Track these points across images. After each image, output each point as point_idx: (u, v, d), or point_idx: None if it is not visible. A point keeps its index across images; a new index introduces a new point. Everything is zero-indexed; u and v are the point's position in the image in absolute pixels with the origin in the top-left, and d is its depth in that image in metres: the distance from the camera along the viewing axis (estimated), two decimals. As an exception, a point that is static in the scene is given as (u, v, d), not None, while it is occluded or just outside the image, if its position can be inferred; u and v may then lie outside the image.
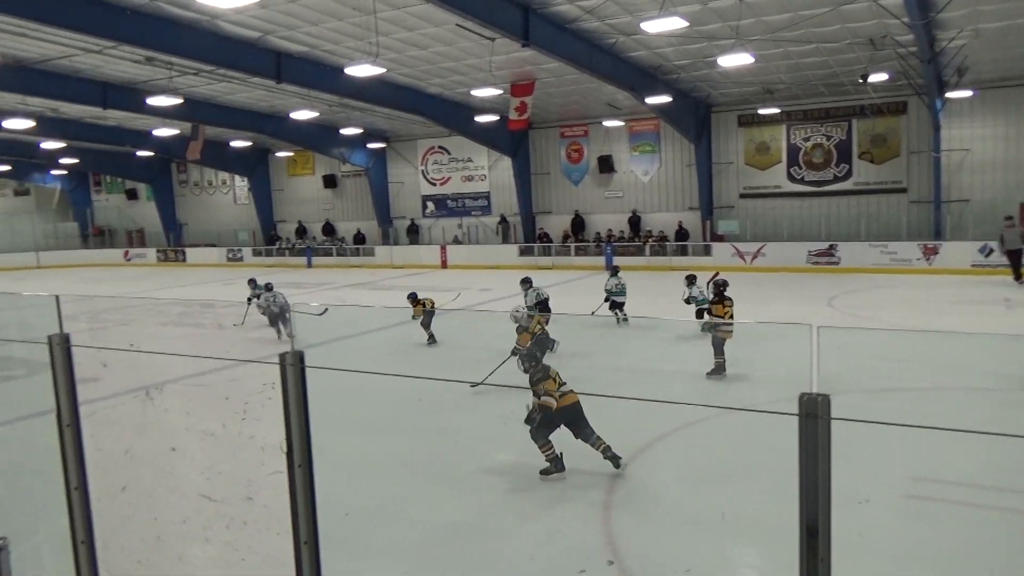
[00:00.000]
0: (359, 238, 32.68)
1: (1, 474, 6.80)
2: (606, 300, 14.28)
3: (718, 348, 9.58)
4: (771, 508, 5.34)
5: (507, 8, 14.78)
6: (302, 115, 23.71)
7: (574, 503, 5.97)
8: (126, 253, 37.80)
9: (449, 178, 31.31)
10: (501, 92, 20.80)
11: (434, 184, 31.69)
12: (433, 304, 13.04)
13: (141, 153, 33.57)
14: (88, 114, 26.10)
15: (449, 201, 31.46)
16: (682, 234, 26.13)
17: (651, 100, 20.82)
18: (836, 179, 24.41)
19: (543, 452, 6.38)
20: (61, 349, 3.35)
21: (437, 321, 13.08)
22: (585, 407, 6.49)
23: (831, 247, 22.97)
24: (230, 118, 25.82)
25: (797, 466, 2.10)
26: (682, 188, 26.91)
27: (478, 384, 8.66)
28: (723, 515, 5.68)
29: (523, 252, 28.25)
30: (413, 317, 12.86)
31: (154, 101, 20.22)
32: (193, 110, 23.95)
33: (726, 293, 10.24)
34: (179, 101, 20.55)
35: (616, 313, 13.94)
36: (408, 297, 13.08)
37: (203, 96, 23.41)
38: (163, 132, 26.36)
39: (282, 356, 2.86)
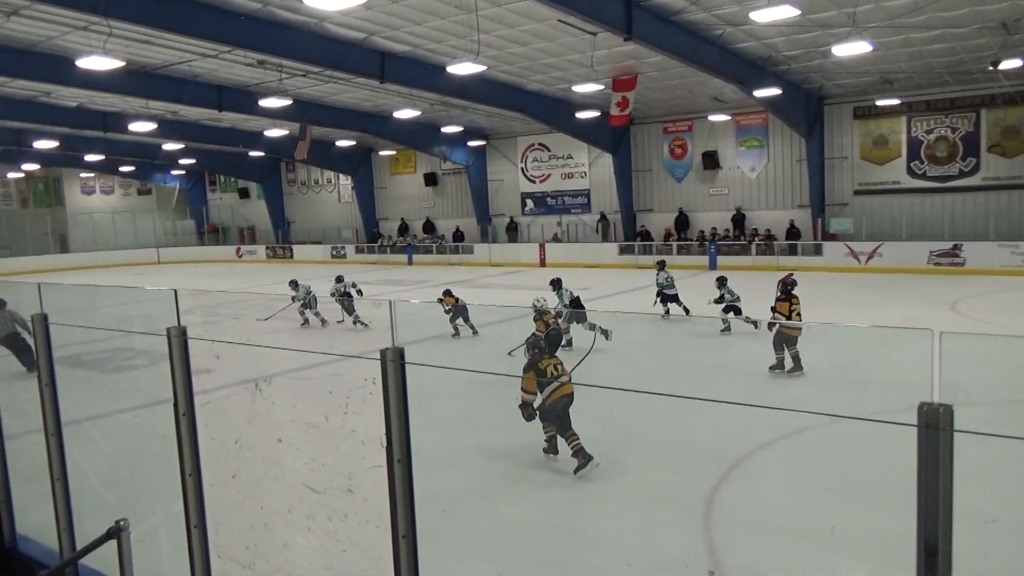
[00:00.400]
0: (458, 236, 33.17)
1: (124, 458, 7.27)
2: (657, 295, 14.78)
3: (778, 345, 9.87)
4: (885, 524, 5.09)
5: (610, 1, 14.66)
6: (404, 114, 24.26)
7: (669, 508, 5.87)
8: (238, 250, 39.73)
9: (549, 175, 31.34)
10: (602, 87, 20.65)
11: (533, 181, 31.79)
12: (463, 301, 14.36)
13: (253, 153, 35.25)
14: (205, 116, 27.65)
15: (548, 198, 31.49)
16: (794, 233, 25.22)
17: (759, 93, 20.20)
18: (962, 174, 22.99)
19: (569, 444, 6.44)
20: (179, 341, 3.55)
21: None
22: (683, 410, 6.37)
23: (955, 247, 21.67)
24: (336, 118, 26.73)
25: (915, 480, 1.99)
26: (791, 185, 25.98)
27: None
28: (832, 529, 5.46)
29: (623, 251, 27.96)
30: (446, 311, 13.81)
31: (265, 103, 21.21)
32: (301, 111, 24.94)
33: (794, 292, 10.49)
34: (288, 102, 21.46)
35: (668, 307, 14.55)
36: (443, 293, 14.39)
37: (311, 97, 24.33)
38: (273, 133, 27.62)
39: (383, 352, 2.93)
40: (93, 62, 15.27)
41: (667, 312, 14.57)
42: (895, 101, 23.00)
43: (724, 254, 25.48)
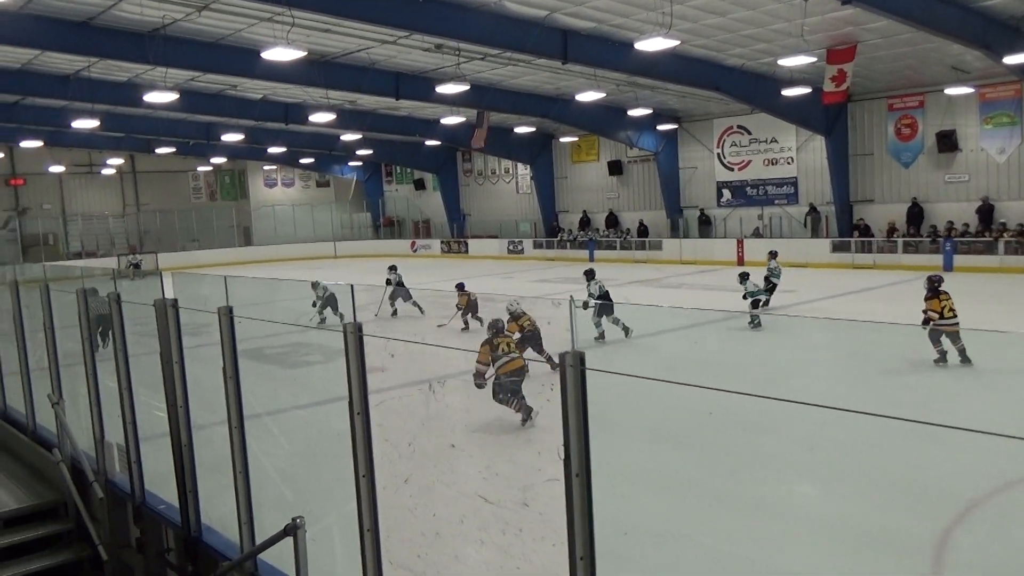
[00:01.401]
0: (644, 230, 32.88)
1: (300, 455, 7.84)
2: (765, 281, 16.30)
3: (935, 339, 10.71)
4: None
5: (825, -39, 13.96)
6: (588, 96, 24.38)
7: (895, 551, 5.49)
8: (412, 244, 41.70)
9: (749, 162, 30.36)
10: (814, 60, 19.70)
11: (731, 169, 30.91)
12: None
13: (429, 142, 36.89)
14: (382, 105, 29.30)
15: (748, 188, 30.51)
16: (1051, 227, 22.81)
17: (1011, 60, 18.44)
18: None
19: (513, 408, 7.06)
20: (354, 338, 3.78)
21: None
22: (910, 435, 5.93)
23: None
24: (515, 103, 27.37)
25: None
26: (1053, 169, 23.50)
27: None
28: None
29: (836, 248, 26.56)
30: (458, 307, 14.89)
31: (442, 89, 22.13)
32: (479, 96, 25.77)
33: (941, 288, 11.41)
34: (466, 88, 22.24)
35: (760, 299, 15.78)
36: (456, 287, 15.59)
37: (488, 81, 25.07)
38: (450, 120, 28.75)
39: (562, 356, 2.97)
40: (277, 53, 16.74)
41: (766, 302, 15.87)
42: None
43: (963, 252, 23.46)
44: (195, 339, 5.74)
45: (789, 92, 23.23)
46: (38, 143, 32.86)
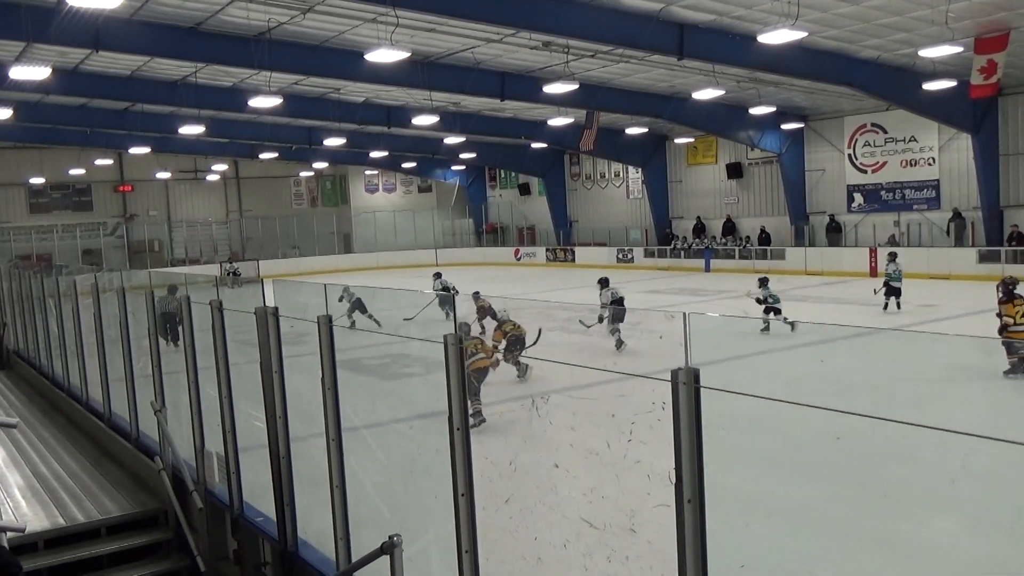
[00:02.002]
0: (765, 237, 32.15)
1: (398, 470, 7.99)
2: (884, 286, 17.34)
3: (1009, 348, 10.80)
4: None
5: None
6: (705, 94, 24.06)
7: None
8: (516, 251, 42.00)
9: (884, 163, 29.33)
10: (960, 50, 18.88)
11: (864, 171, 29.94)
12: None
13: (535, 145, 37.11)
14: (486, 106, 29.69)
15: (883, 192, 29.48)
16: None
17: None
18: None
19: (472, 406, 7.59)
20: (455, 350, 3.83)
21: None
22: None
23: None
24: (626, 102, 27.27)
25: None
26: None
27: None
28: None
29: (984, 258, 25.32)
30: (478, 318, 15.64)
31: (550, 88, 22.23)
32: (588, 96, 25.78)
33: (1016, 291, 11.73)
34: (574, 87, 22.30)
35: (889, 300, 17.16)
36: (472, 295, 16.28)
37: (598, 80, 25.05)
38: (557, 122, 28.88)
39: (674, 373, 2.93)
40: (381, 55, 17.23)
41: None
42: None
43: None
44: (295, 348, 5.93)
45: (931, 86, 22.34)
46: (146, 149, 34.85)
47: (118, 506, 7.72)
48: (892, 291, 17.43)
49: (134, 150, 35.02)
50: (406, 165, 43.51)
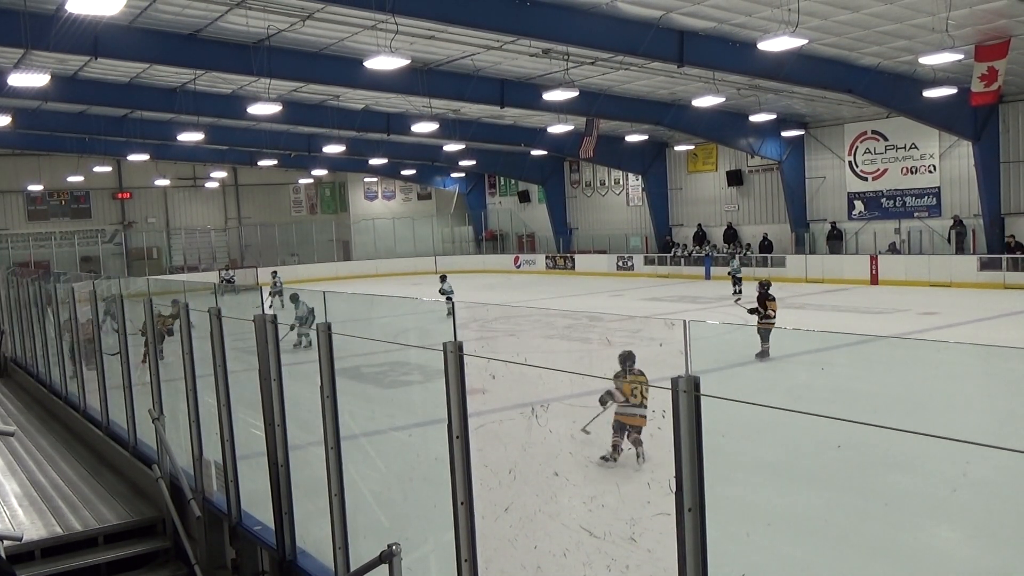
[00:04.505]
0: (765, 245, 32.17)
1: (397, 479, 7.99)
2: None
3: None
4: None
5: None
6: (705, 101, 24.12)
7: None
8: (516, 259, 42.01)
9: (885, 170, 29.36)
10: (960, 57, 18.91)
11: (865, 178, 29.97)
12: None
13: (535, 152, 37.20)
14: (486, 113, 29.74)
15: (884, 199, 29.50)
16: None
17: None
18: None
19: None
20: (455, 357, 3.83)
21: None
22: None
23: None
24: (626, 109, 27.32)
25: None
26: None
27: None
28: None
29: (985, 265, 25.33)
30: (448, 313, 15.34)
31: (550, 96, 22.28)
32: (588, 103, 25.83)
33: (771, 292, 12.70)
34: (574, 94, 22.34)
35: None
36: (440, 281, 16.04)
37: (598, 87, 25.10)
38: (557, 129, 28.95)
39: (674, 381, 2.93)
40: (380, 62, 17.27)
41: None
42: None
43: None
44: (293, 356, 5.93)
45: (932, 93, 22.38)
46: (144, 157, 34.90)
47: (116, 515, 7.71)
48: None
49: (133, 157, 35.08)
50: (405, 172, 43.56)
